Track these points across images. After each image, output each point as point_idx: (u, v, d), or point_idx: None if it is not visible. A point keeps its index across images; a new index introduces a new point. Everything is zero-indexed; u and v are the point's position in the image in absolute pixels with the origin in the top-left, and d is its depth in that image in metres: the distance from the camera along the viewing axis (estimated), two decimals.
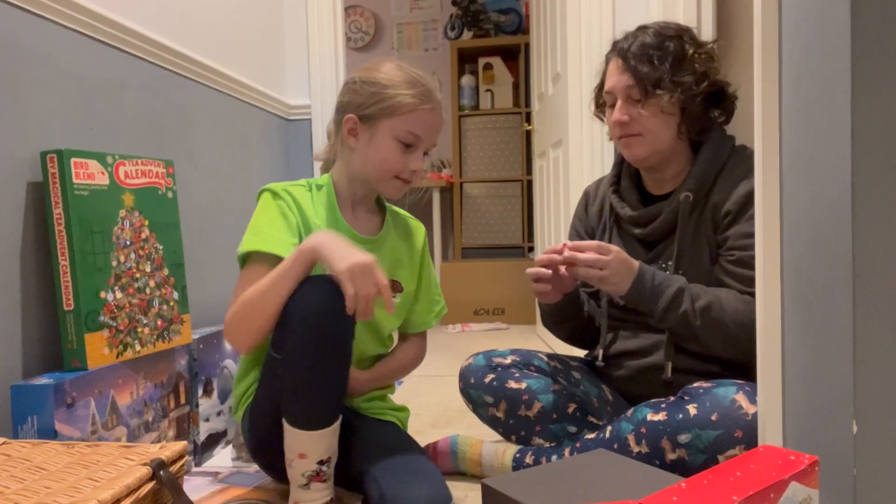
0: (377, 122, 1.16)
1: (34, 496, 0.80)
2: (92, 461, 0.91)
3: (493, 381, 1.32)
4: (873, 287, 0.68)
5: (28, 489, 0.82)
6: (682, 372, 1.22)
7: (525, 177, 4.15)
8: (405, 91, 1.15)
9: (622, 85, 1.24)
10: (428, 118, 1.17)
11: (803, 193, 0.81)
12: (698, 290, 1.17)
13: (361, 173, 1.20)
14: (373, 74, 1.19)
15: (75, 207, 1.18)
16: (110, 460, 0.91)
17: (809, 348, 0.81)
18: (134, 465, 0.89)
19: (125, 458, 0.92)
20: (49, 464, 0.90)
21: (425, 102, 1.16)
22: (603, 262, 1.15)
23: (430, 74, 1.21)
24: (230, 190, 2.03)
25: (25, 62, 1.23)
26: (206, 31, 1.92)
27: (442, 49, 4.43)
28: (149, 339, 1.33)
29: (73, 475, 0.86)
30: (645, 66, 1.21)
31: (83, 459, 0.92)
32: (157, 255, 1.39)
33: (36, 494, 0.81)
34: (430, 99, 1.17)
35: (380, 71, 1.19)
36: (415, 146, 1.17)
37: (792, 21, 0.84)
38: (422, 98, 1.16)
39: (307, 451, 1.03)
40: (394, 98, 1.15)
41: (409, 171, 1.17)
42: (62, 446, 0.97)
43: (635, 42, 1.24)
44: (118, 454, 0.94)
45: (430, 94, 1.17)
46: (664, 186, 1.31)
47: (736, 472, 0.70)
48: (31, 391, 1.08)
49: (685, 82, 1.20)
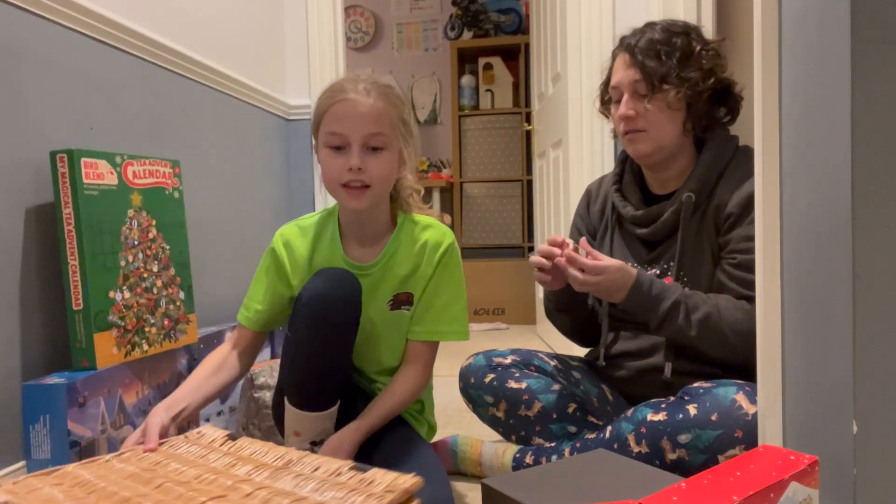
0: (316, 138, 1.14)
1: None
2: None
3: (494, 380, 1.32)
4: (873, 287, 0.68)
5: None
6: (683, 374, 1.22)
7: (525, 177, 4.15)
8: (321, 97, 1.12)
9: (629, 79, 1.24)
10: (340, 110, 1.08)
11: (803, 194, 0.81)
12: (696, 300, 1.17)
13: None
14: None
15: (85, 207, 1.18)
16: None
17: (809, 349, 0.81)
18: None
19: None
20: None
21: (336, 97, 1.09)
22: (592, 282, 1.15)
23: (373, 72, 1.16)
24: (229, 190, 2.03)
25: (26, 62, 1.23)
26: (206, 31, 1.92)
27: (442, 49, 4.42)
28: (156, 339, 1.33)
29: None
30: (652, 62, 1.21)
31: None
32: (164, 254, 1.39)
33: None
34: (341, 92, 1.09)
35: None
36: (344, 146, 1.09)
37: (792, 21, 0.84)
38: (333, 95, 1.09)
39: (301, 429, 1.10)
40: (316, 108, 1.12)
41: (346, 173, 1.08)
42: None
43: (643, 38, 1.24)
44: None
45: (341, 89, 1.09)
46: (667, 186, 1.31)
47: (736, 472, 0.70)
48: (43, 391, 1.08)
49: (692, 78, 1.20)
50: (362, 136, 1.07)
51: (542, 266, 1.22)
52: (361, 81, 1.10)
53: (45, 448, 1.09)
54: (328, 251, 1.19)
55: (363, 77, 1.11)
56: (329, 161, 1.10)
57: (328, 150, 1.10)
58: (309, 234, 1.20)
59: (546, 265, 1.22)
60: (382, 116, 1.08)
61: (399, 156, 1.13)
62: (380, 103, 1.08)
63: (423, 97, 4.49)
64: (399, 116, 1.12)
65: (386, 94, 1.10)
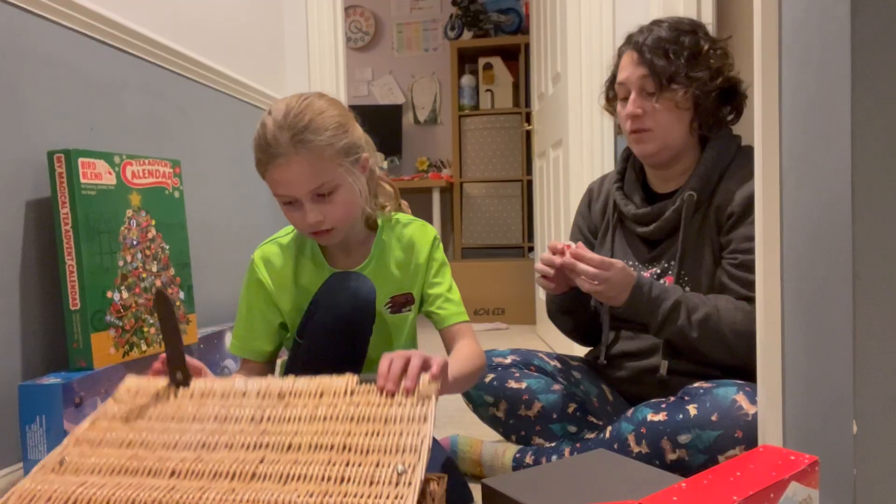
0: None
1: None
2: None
3: (494, 380, 1.32)
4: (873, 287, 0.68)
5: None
6: (681, 374, 1.22)
7: (525, 177, 4.15)
8: (256, 153, 1.05)
9: (636, 76, 1.23)
10: (277, 176, 1.03)
11: (803, 193, 0.81)
12: (696, 302, 1.17)
13: None
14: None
15: (82, 207, 1.18)
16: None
17: (809, 348, 0.81)
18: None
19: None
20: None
21: (270, 161, 1.02)
22: (602, 277, 1.14)
23: (287, 113, 1.03)
24: (230, 190, 2.03)
25: (26, 62, 1.23)
26: (206, 31, 1.92)
27: (442, 49, 4.42)
28: (154, 339, 1.33)
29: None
30: (660, 60, 1.20)
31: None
32: (164, 254, 1.39)
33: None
34: (271, 155, 1.02)
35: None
36: (295, 203, 1.05)
37: (792, 21, 0.83)
38: (265, 157, 1.03)
39: None
40: (255, 163, 1.06)
41: (308, 226, 1.05)
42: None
43: (650, 36, 1.23)
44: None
45: (269, 150, 1.02)
46: (669, 184, 1.31)
47: (736, 472, 0.70)
48: (39, 391, 1.08)
49: (700, 77, 1.20)
50: (307, 193, 1.03)
51: (545, 273, 1.23)
52: (286, 128, 1.01)
53: (41, 448, 1.09)
54: (313, 268, 1.16)
55: (285, 118, 1.02)
56: (288, 213, 1.07)
57: (282, 203, 1.07)
58: (289, 252, 1.17)
59: (549, 273, 1.22)
60: (319, 167, 1.02)
61: (352, 183, 1.08)
62: (311, 155, 1.01)
63: (423, 97, 4.49)
64: (335, 150, 1.04)
65: (314, 136, 1.02)
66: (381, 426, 0.75)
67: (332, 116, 1.05)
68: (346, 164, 1.06)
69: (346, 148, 1.06)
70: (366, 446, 0.72)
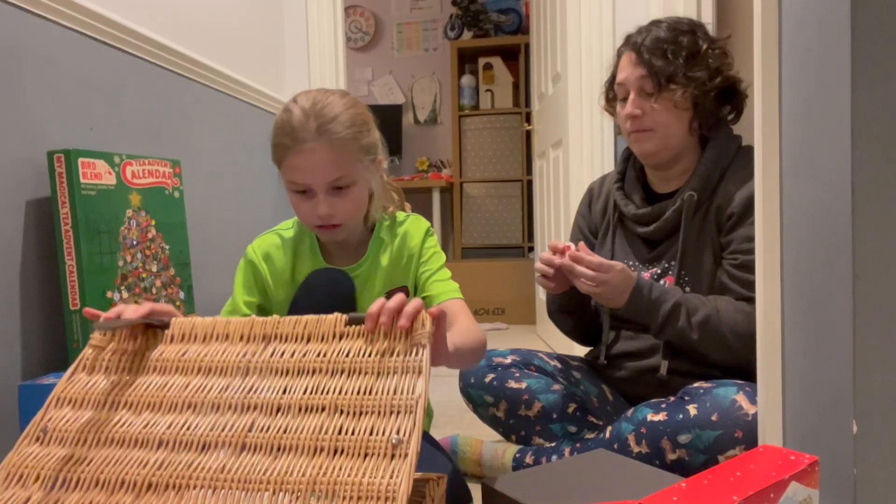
0: (280, 172, 1.10)
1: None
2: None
3: (493, 380, 1.32)
4: (873, 287, 0.68)
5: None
6: (680, 374, 1.22)
7: (525, 177, 4.15)
8: (276, 138, 1.06)
9: (635, 77, 1.23)
10: (297, 162, 1.04)
11: (803, 193, 0.81)
12: (696, 303, 1.17)
13: None
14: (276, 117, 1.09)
15: (82, 207, 1.18)
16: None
17: (809, 349, 0.81)
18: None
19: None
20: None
21: (293, 146, 1.03)
22: (600, 280, 1.14)
23: (315, 103, 1.04)
24: (230, 190, 2.03)
25: (26, 62, 1.23)
26: (206, 31, 1.92)
27: (442, 49, 4.42)
28: None
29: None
30: (659, 60, 1.21)
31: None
32: (164, 254, 1.39)
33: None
34: (296, 140, 1.03)
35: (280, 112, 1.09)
36: (309, 191, 1.06)
37: (792, 21, 0.83)
38: (289, 141, 1.03)
39: None
40: (273, 148, 1.07)
41: (317, 218, 1.06)
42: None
43: (649, 36, 1.23)
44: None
45: (294, 135, 1.03)
46: (669, 184, 1.31)
47: (736, 472, 0.70)
48: (39, 391, 1.07)
49: (699, 77, 1.20)
50: (325, 183, 1.05)
51: (544, 273, 1.23)
52: (312, 117, 1.03)
53: None
54: (310, 265, 1.17)
55: (313, 108, 1.04)
56: (298, 204, 1.08)
57: (293, 193, 1.08)
58: (289, 246, 1.18)
59: (549, 272, 1.22)
60: (341, 159, 1.04)
61: (368, 181, 1.10)
62: (336, 144, 1.03)
63: (423, 97, 4.49)
64: (358, 146, 1.06)
65: (340, 128, 1.03)
66: (374, 381, 0.71)
67: (358, 114, 1.08)
68: (364, 162, 1.08)
69: (367, 146, 1.08)
70: (358, 407, 0.69)
